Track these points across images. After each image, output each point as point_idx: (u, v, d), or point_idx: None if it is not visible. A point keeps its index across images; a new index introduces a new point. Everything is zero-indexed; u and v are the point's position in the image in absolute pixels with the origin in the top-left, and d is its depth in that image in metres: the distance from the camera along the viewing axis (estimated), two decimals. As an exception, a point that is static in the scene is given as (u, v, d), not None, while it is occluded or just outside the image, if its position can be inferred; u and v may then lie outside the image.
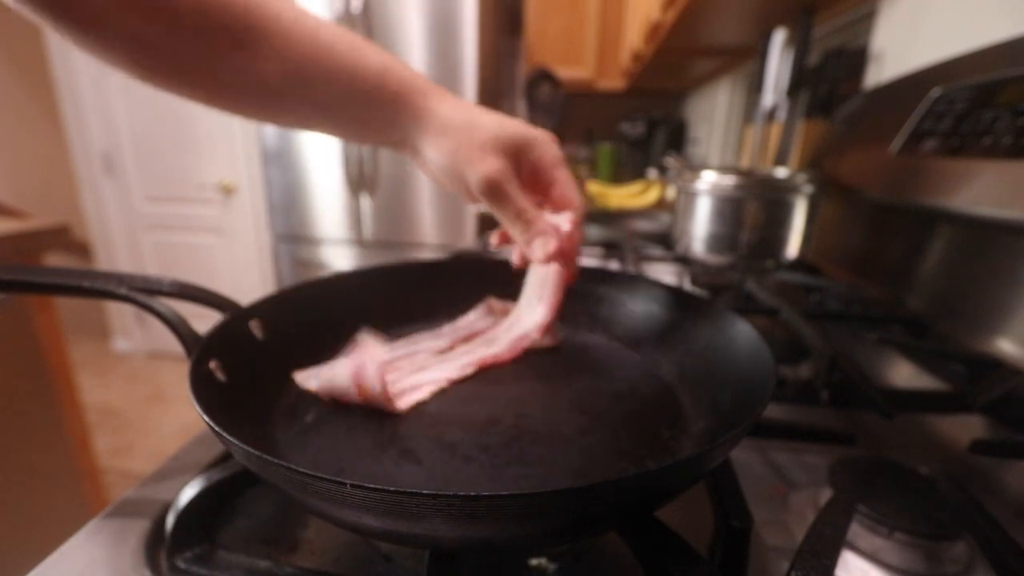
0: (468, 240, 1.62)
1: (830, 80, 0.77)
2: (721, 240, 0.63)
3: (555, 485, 0.22)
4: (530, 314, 0.38)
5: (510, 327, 0.39)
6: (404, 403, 0.30)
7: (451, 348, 0.38)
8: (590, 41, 2.07)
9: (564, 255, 0.34)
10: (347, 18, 1.50)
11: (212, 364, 0.26)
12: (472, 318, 0.42)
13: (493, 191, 0.31)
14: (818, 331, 0.39)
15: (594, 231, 0.91)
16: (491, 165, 0.30)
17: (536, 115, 2.14)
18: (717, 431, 0.26)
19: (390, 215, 1.66)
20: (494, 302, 0.42)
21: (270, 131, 1.67)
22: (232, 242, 2.20)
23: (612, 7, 2.01)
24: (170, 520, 0.23)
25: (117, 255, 2.31)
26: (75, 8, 0.24)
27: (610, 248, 0.80)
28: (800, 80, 0.81)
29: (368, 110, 0.31)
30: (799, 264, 0.64)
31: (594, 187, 1.67)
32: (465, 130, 0.31)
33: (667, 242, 0.76)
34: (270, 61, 0.28)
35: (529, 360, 0.37)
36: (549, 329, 0.38)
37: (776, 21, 0.90)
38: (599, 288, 0.43)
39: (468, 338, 0.39)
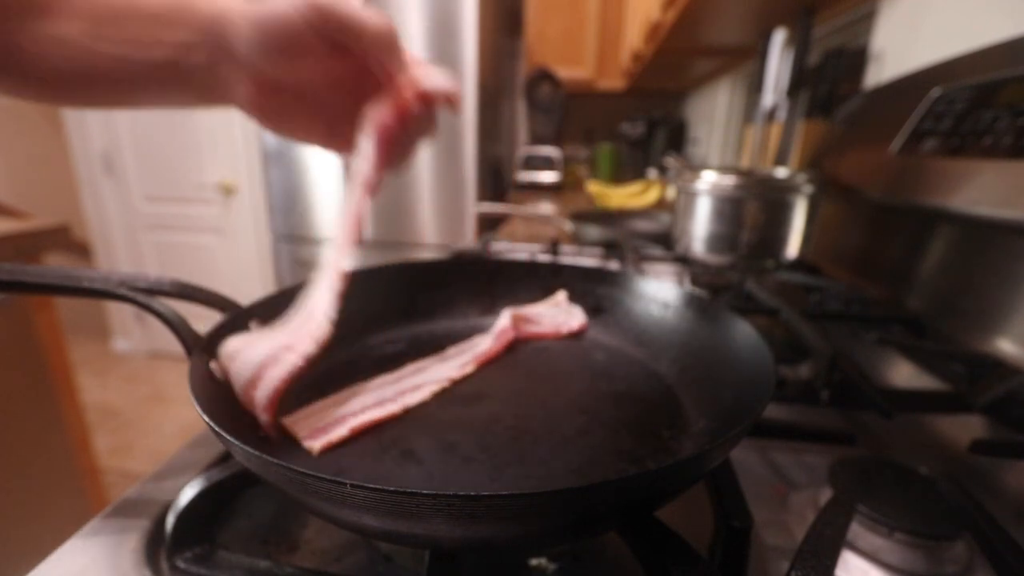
0: (468, 240, 1.62)
1: (830, 80, 0.77)
2: (721, 240, 0.63)
3: (555, 485, 0.22)
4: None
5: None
6: (317, 443, 0.26)
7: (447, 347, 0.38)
8: (590, 41, 2.07)
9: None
10: (347, 18, 1.49)
11: (212, 364, 0.26)
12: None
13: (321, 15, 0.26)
14: (818, 331, 0.39)
15: (594, 231, 0.91)
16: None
17: (536, 115, 2.14)
18: (717, 431, 0.26)
19: (390, 215, 1.66)
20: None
21: (270, 131, 1.67)
22: (232, 242, 2.20)
23: (612, 7, 2.01)
24: (170, 520, 0.23)
25: (117, 255, 2.31)
26: None
27: (610, 248, 0.80)
28: (800, 80, 0.81)
29: (177, 43, 0.28)
30: (799, 264, 0.64)
31: (594, 187, 1.67)
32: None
33: (667, 242, 0.76)
34: (71, 20, 0.27)
35: (529, 360, 0.37)
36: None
37: (776, 21, 0.90)
38: (599, 288, 0.43)
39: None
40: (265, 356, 0.25)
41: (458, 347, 0.38)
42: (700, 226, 0.65)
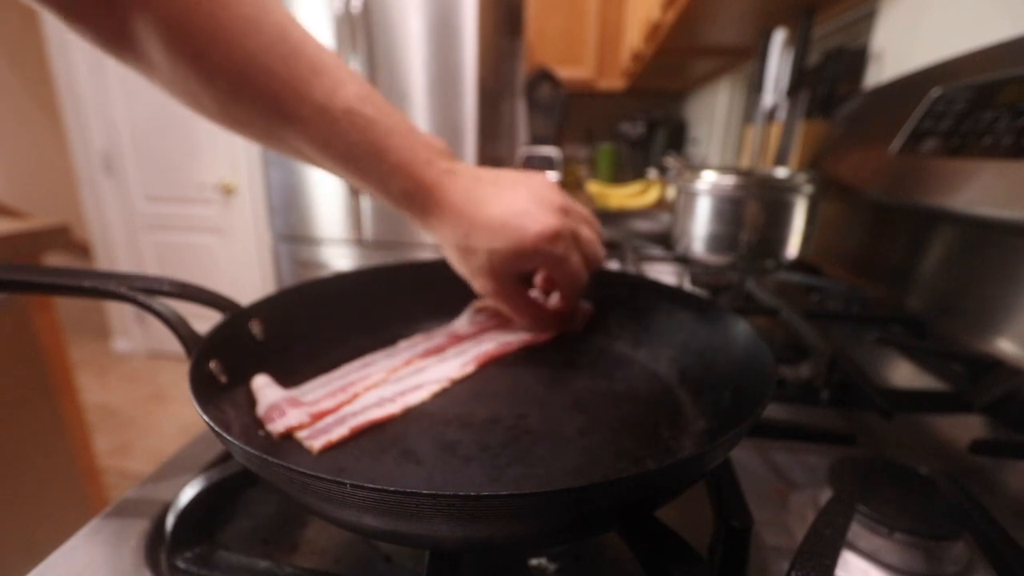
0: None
1: (830, 80, 0.77)
2: (721, 240, 0.63)
3: (555, 485, 0.22)
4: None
5: (505, 328, 0.40)
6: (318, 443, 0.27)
7: (447, 347, 0.38)
8: (590, 41, 2.07)
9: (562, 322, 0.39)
10: (347, 18, 1.49)
11: (212, 364, 0.26)
12: (464, 321, 0.42)
13: (490, 299, 0.36)
14: (818, 331, 0.39)
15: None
16: (483, 287, 0.35)
17: (536, 115, 2.14)
18: (717, 431, 0.26)
19: (390, 215, 1.66)
20: (480, 303, 0.43)
21: (270, 131, 1.66)
22: (232, 242, 2.21)
23: (612, 7, 2.01)
24: (170, 520, 0.23)
25: (117, 255, 2.31)
26: (146, 63, 0.29)
27: (610, 248, 0.80)
28: (800, 80, 0.81)
29: (390, 201, 0.34)
30: (799, 264, 0.64)
31: (594, 187, 1.67)
32: (460, 252, 0.34)
33: (667, 242, 0.76)
34: (300, 137, 0.31)
35: (529, 360, 0.37)
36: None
37: (776, 21, 0.90)
38: (599, 288, 0.43)
39: (463, 338, 0.39)
40: (274, 400, 0.28)
41: (458, 347, 0.38)
42: (700, 226, 0.65)
